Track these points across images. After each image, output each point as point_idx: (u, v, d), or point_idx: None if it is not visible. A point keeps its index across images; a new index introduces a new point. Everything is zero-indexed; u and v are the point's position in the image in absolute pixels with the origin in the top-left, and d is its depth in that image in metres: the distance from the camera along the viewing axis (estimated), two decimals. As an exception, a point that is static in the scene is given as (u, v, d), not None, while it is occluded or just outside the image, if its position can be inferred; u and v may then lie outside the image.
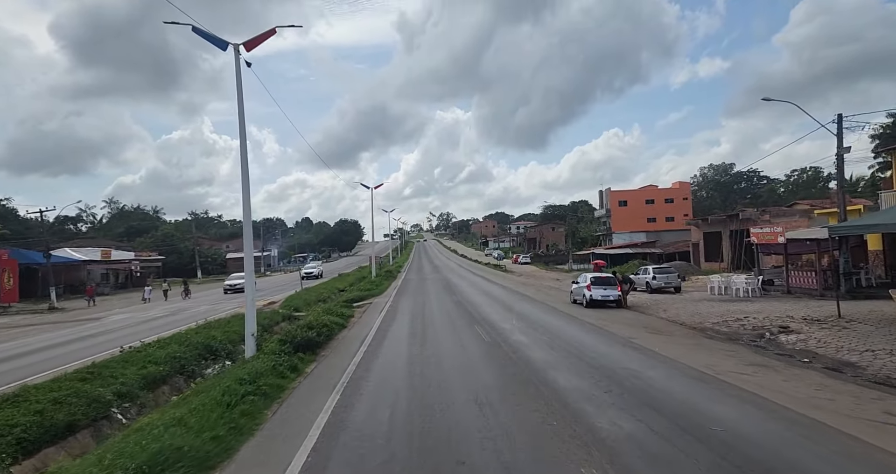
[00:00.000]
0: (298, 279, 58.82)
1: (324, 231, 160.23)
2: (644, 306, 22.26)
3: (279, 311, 24.05)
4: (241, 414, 7.57)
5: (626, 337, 14.61)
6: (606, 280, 22.42)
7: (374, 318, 20.21)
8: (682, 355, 11.85)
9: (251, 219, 13.78)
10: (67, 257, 48.42)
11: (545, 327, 16.83)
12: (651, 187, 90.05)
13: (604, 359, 11.46)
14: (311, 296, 32.30)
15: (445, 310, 22.55)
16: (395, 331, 16.66)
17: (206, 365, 14.53)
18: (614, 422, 7.13)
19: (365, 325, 18.52)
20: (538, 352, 12.63)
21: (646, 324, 17.28)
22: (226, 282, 42.80)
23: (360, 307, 25.88)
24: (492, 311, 21.50)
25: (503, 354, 12.39)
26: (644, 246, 65.16)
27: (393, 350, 13.38)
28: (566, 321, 18.38)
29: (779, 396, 8.29)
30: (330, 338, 15.39)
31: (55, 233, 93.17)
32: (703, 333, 15.30)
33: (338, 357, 12.75)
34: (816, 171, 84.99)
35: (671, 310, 20.09)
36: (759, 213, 33.11)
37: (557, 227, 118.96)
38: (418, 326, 17.56)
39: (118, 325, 23.37)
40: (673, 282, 26.49)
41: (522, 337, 14.90)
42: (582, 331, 15.87)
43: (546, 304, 24.23)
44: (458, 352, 12.74)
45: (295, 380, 10.23)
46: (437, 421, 7.40)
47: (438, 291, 33.06)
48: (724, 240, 36.94)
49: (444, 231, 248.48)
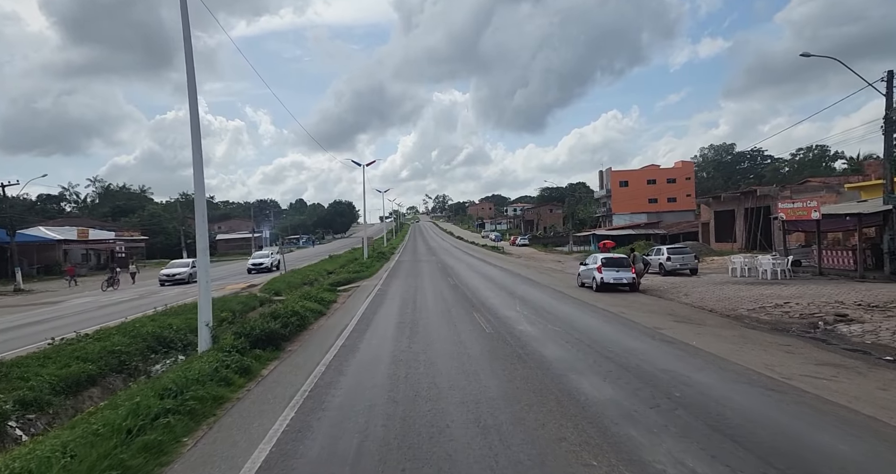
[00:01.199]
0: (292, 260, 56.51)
1: (317, 213, 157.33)
2: (661, 290, 20.04)
3: (257, 295, 21.81)
4: (141, 447, 5.27)
5: (652, 327, 12.37)
6: (619, 261, 20.16)
7: (360, 304, 17.92)
8: (729, 352, 9.61)
9: (204, 189, 11.34)
10: (40, 236, 45.74)
11: (554, 315, 14.58)
12: (653, 167, 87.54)
13: (634, 358, 9.20)
14: (297, 278, 30.02)
15: (440, 294, 20.28)
16: (381, 320, 14.37)
17: (155, 359, 12.28)
18: (681, 462, 4.87)
19: (347, 312, 16.23)
20: (552, 347, 10.37)
21: (670, 311, 15.05)
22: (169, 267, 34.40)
23: (347, 291, 23.59)
24: (492, 296, 19.24)
25: (510, 351, 10.12)
26: (647, 226, 62.96)
27: (375, 344, 11.09)
28: (577, 307, 16.14)
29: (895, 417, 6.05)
30: (303, 328, 13.09)
31: (37, 212, 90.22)
32: (741, 322, 13.07)
33: (306, 353, 10.44)
34: (822, 150, 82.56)
35: (694, 295, 17.88)
36: (777, 189, 30.83)
37: (555, 209, 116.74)
38: (408, 314, 15.28)
39: (74, 310, 21.01)
40: (689, 264, 24.26)
41: (530, 327, 12.64)
42: (598, 320, 13.62)
43: (551, 288, 21.99)
44: (454, 348, 10.46)
45: (241, 389, 7.91)
46: (423, 458, 5.13)
47: (433, 274, 30.79)
48: (737, 219, 34.68)
49: (440, 213, 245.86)
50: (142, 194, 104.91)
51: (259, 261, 38.34)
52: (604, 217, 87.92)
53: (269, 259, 38.81)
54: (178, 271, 32.60)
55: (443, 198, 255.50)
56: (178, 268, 32.98)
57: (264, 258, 39.25)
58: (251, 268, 36.88)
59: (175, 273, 32.43)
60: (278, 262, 36.96)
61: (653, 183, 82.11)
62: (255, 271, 36.19)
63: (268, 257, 39.33)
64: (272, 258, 38.92)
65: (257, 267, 37.26)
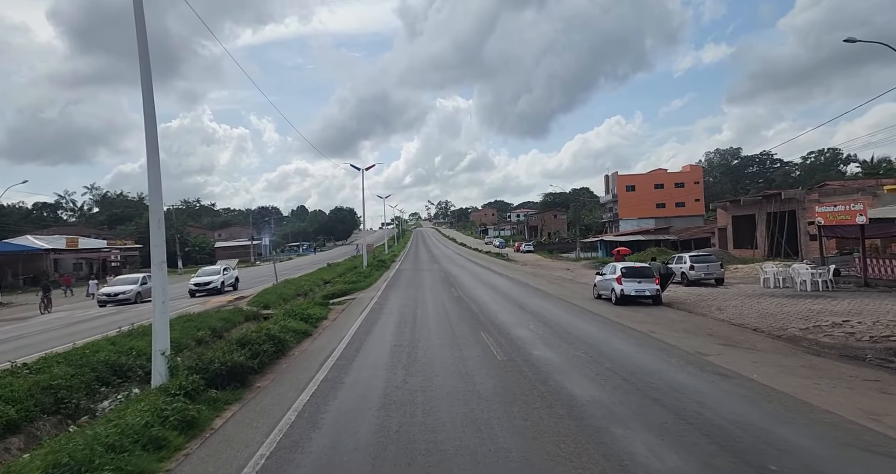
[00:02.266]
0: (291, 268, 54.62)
1: (319, 219, 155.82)
2: (688, 303, 18.05)
3: (243, 309, 19.87)
4: None
5: (694, 352, 10.39)
6: (641, 271, 18.17)
7: (352, 321, 15.96)
8: (807, 391, 7.62)
9: (160, 190, 9.47)
10: (27, 246, 43.97)
11: (575, 335, 12.60)
12: (660, 171, 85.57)
13: (690, 400, 7.23)
14: (290, 289, 28.13)
15: (443, 308, 18.31)
16: (375, 343, 12.41)
17: (105, 394, 10.33)
18: None
19: (337, 332, 14.26)
20: (579, 381, 8.39)
21: (708, 331, 13.05)
22: None
23: (341, 304, 21.64)
24: (500, 310, 17.28)
25: (528, 387, 8.15)
26: (657, 232, 60.90)
27: (364, 377, 9.12)
28: (599, 325, 14.15)
29: None
30: (282, 354, 11.15)
31: (32, 220, 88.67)
32: (800, 346, 11.08)
33: (278, 392, 8.47)
34: (834, 153, 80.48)
35: (729, 309, 15.88)
36: (803, 192, 28.84)
37: (559, 215, 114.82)
38: (406, 334, 13.31)
39: (41, 328, 19.09)
40: (715, 273, 22.25)
41: (549, 352, 10.68)
42: (628, 342, 11.63)
43: (565, 301, 20.00)
44: (459, 384, 8.49)
45: (177, 453, 5.94)
46: None
47: (435, 284, 28.81)
48: (758, 225, 32.64)
49: (442, 219, 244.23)
50: (140, 201, 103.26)
51: (205, 280, 28.64)
52: (610, 222, 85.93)
53: (219, 276, 29.31)
54: (122, 290, 26.19)
55: (445, 205, 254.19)
56: (123, 286, 26.72)
57: (212, 276, 29.37)
58: (194, 290, 27.92)
59: (118, 292, 26.00)
60: (235, 280, 31.19)
61: (660, 187, 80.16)
62: (201, 293, 27.78)
63: (218, 275, 29.63)
64: (225, 275, 30.03)
65: (202, 287, 28.10)
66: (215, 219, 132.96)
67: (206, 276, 29.49)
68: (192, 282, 28.87)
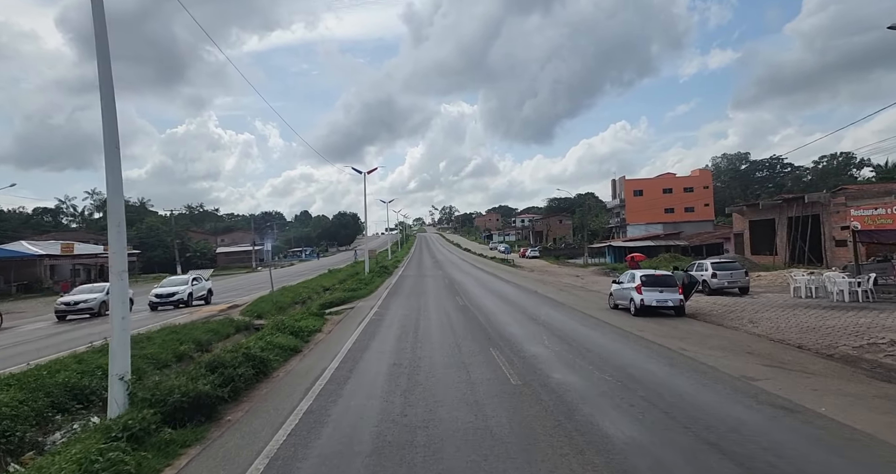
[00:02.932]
0: (292, 274, 53.31)
1: (322, 224, 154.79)
2: (714, 314, 16.59)
3: (234, 319, 18.54)
4: None
5: (739, 376, 8.96)
6: (663, 279, 16.73)
7: (349, 334, 14.57)
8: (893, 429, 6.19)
9: (121, 187, 8.16)
10: (20, 251, 42.85)
11: (596, 353, 11.17)
12: (668, 175, 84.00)
13: (758, 447, 5.79)
14: (287, 297, 26.80)
15: (447, 319, 16.91)
16: (371, 362, 11.02)
17: (59, 423, 8.98)
18: None
19: (330, 348, 12.87)
20: (614, 416, 6.98)
21: (746, 348, 11.60)
22: None
23: (339, 313, 20.28)
24: (510, 322, 15.87)
25: (552, 423, 6.75)
26: (667, 237, 59.38)
27: (355, 409, 7.73)
28: (621, 340, 12.71)
29: None
30: (264, 376, 9.77)
31: (32, 226, 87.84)
32: (859, 368, 9.62)
33: (249, 429, 7.07)
34: (847, 157, 78.77)
35: (763, 323, 14.41)
36: (828, 196, 27.35)
37: (565, 220, 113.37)
38: (406, 351, 11.92)
39: (15, 340, 17.79)
40: (739, 281, 20.75)
41: (570, 374, 9.27)
42: (659, 363, 10.19)
43: (579, 311, 18.57)
44: (468, 418, 7.10)
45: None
46: None
47: (439, 291, 27.42)
48: (778, 230, 31.11)
49: (446, 225, 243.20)
50: (141, 207, 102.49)
51: (168, 291, 24.81)
52: (617, 227, 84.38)
53: (185, 287, 25.35)
54: (84, 299, 22.91)
55: (449, 210, 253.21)
56: (86, 294, 23.54)
57: (178, 286, 25.41)
58: (155, 302, 24.41)
59: (78, 301, 22.87)
60: (207, 292, 27.28)
61: (669, 192, 78.54)
62: (165, 306, 24.49)
63: (185, 285, 25.59)
64: (194, 286, 26.06)
65: (165, 300, 24.46)
66: (218, 225, 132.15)
67: (170, 287, 25.54)
68: (154, 292, 25.13)
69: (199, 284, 26.85)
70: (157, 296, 24.80)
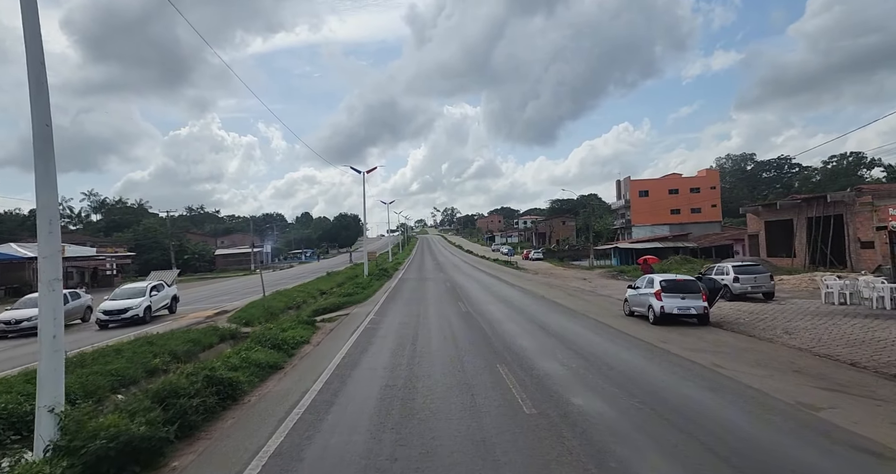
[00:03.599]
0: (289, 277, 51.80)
1: (323, 226, 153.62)
2: (742, 323, 15.10)
3: (219, 327, 17.10)
4: None
5: (795, 403, 7.52)
6: (685, 285, 15.26)
7: (338, 348, 13.12)
8: None
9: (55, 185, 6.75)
10: (9, 254, 41.54)
11: (620, 371, 9.72)
12: (674, 176, 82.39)
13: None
14: (280, 302, 25.38)
15: (449, 329, 15.47)
16: (361, 383, 9.58)
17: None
18: None
19: (316, 364, 11.41)
20: (655, 462, 5.54)
21: (790, 364, 10.12)
22: None
23: (332, 321, 18.84)
24: (518, 332, 14.41)
25: (580, 472, 5.31)
26: (675, 239, 57.80)
27: (335, 449, 6.28)
28: (644, 354, 11.25)
29: None
30: (233, 401, 8.33)
31: (28, 227, 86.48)
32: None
33: (199, 479, 5.65)
34: (858, 157, 77.15)
35: (801, 334, 12.91)
36: (853, 195, 25.82)
37: (568, 221, 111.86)
38: (402, 368, 10.48)
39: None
40: (764, 286, 19.26)
41: (594, 400, 7.82)
42: (696, 385, 8.72)
43: (591, 318, 17.11)
44: (475, 462, 5.67)
45: None
46: None
47: (440, 296, 25.97)
48: (797, 231, 29.57)
49: (448, 226, 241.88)
50: (140, 208, 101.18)
51: (119, 306, 19.69)
52: (622, 229, 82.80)
53: (142, 300, 20.28)
54: (28, 316, 18.25)
55: (451, 212, 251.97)
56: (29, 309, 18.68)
57: (132, 299, 20.23)
58: (104, 320, 19.41)
59: (20, 318, 18.63)
60: (171, 300, 23.26)
61: (675, 193, 76.95)
62: (116, 323, 19.33)
63: (141, 296, 20.48)
64: (153, 297, 21.24)
65: (115, 317, 19.39)
66: (218, 226, 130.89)
67: (122, 300, 20.16)
68: (102, 307, 19.83)
69: (160, 293, 22.22)
70: (106, 312, 19.59)
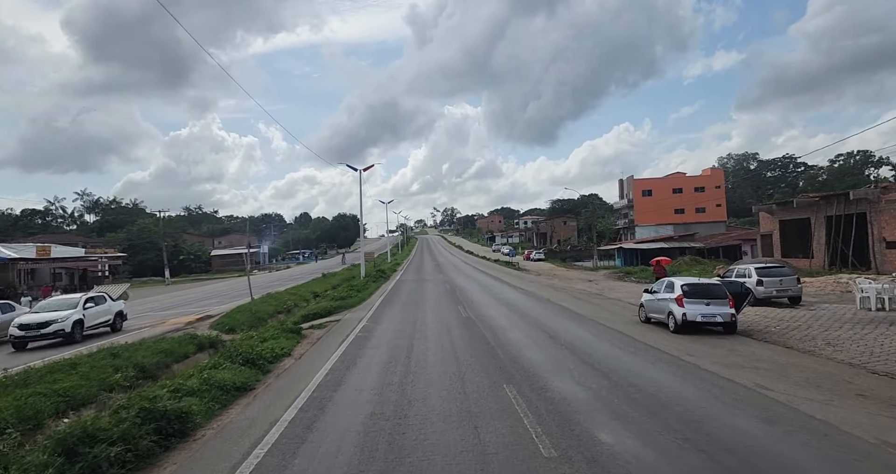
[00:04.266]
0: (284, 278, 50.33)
1: (321, 226, 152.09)
2: (772, 331, 13.61)
3: (198, 335, 15.58)
4: None
5: (880, 442, 6.03)
6: (710, 290, 13.75)
7: (323, 362, 11.60)
8: None
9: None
10: (-11, 255, 40.02)
11: (650, 394, 8.22)
12: (678, 175, 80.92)
13: None
14: (269, 306, 23.92)
15: (449, 339, 13.96)
16: (342, 410, 8.08)
17: None
18: None
19: (293, 384, 9.89)
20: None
21: (848, 385, 8.63)
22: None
23: (321, 328, 17.34)
24: (525, 342, 12.92)
25: None
26: (680, 239, 56.32)
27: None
28: (675, 371, 9.74)
29: None
30: (181, 438, 6.82)
31: (21, 227, 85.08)
32: None
33: None
34: (866, 156, 75.66)
35: (846, 345, 11.42)
36: (878, 192, 24.33)
37: (569, 221, 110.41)
38: (393, 389, 8.98)
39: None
40: (790, 289, 17.78)
41: (627, 437, 6.32)
42: (747, 415, 7.22)
43: (603, 325, 15.62)
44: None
45: None
46: None
47: (439, 300, 24.47)
48: (815, 231, 28.08)
49: (448, 226, 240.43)
50: (134, 208, 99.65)
51: (42, 319, 16.41)
52: (625, 229, 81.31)
53: (71, 312, 16.97)
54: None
55: (451, 212, 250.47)
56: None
57: (59, 311, 16.94)
58: (19, 337, 16.05)
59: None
60: (117, 316, 19.58)
61: (679, 192, 75.46)
62: (37, 341, 16.42)
63: (72, 309, 17.19)
64: (89, 309, 17.85)
65: (32, 331, 16.14)
66: (216, 227, 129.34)
67: (46, 313, 16.81)
68: (18, 321, 16.40)
69: (98, 307, 18.55)
70: (23, 326, 16.14)
